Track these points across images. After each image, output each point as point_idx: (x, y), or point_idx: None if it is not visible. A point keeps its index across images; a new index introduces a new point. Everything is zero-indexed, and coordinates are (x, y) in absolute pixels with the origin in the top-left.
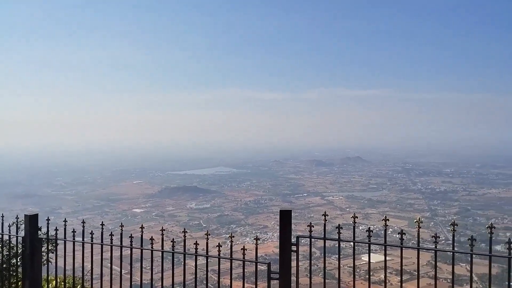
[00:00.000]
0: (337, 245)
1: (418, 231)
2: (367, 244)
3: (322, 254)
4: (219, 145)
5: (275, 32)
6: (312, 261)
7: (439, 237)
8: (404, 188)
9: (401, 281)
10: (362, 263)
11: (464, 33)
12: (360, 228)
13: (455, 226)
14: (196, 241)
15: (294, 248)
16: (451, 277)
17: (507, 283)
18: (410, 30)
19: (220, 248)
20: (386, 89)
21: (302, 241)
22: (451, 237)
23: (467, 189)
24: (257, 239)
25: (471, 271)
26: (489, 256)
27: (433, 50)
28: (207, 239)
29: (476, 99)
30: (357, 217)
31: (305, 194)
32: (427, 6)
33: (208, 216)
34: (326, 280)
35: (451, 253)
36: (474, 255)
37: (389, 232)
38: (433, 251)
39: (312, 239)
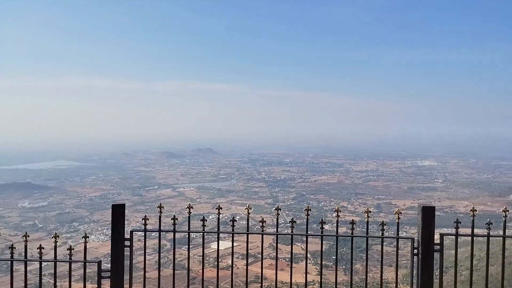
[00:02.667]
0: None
1: (248, 217)
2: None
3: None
4: (59, 138)
5: (130, 20)
6: (162, 254)
7: (265, 221)
8: (250, 178)
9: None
10: (211, 251)
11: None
12: (210, 217)
13: (279, 210)
14: (12, 245)
15: (127, 243)
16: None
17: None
18: (257, 28)
19: (42, 250)
20: (236, 84)
21: (152, 234)
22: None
23: (302, 177)
24: (85, 237)
25: (291, 250)
26: (305, 235)
27: (280, 49)
28: (26, 241)
29: (315, 97)
30: (192, 208)
31: (156, 187)
32: (275, 7)
33: (45, 215)
34: (176, 271)
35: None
36: (305, 236)
37: (237, 218)
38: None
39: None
